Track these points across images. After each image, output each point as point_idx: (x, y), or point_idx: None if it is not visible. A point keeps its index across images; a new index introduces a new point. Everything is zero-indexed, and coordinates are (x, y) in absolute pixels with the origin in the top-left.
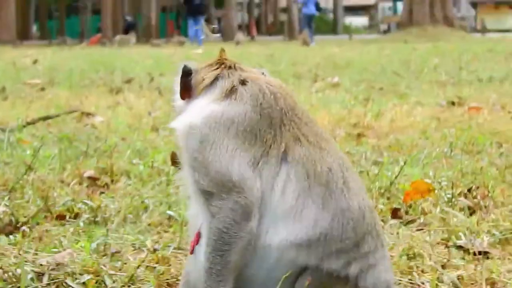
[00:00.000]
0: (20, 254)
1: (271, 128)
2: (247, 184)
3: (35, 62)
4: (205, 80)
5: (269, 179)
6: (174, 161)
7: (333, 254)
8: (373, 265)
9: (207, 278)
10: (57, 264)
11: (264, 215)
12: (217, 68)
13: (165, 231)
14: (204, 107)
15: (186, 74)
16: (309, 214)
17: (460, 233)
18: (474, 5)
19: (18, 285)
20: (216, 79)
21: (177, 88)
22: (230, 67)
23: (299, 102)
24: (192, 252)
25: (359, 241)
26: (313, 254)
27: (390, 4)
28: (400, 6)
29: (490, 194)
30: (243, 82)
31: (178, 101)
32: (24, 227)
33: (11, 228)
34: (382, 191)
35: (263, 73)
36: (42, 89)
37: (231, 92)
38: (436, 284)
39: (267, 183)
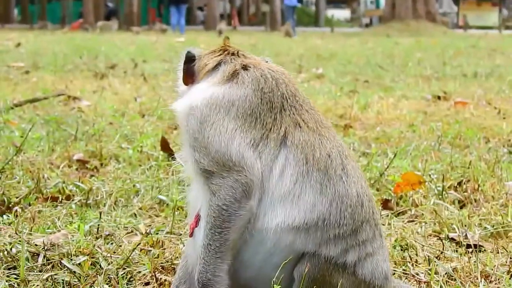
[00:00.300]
0: (16, 234)
1: (271, 112)
2: (247, 163)
3: (18, 45)
4: (207, 65)
5: (268, 161)
6: (164, 146)
7: (331, 240)
8: (370, 253)
9: (205, 254)
10: (52, 245)
11: (262, 198)
12: (220, 54)
13: (157, 215)
14: (205, 90)
15: (189, 60)
16: (307, 198)
17: (454, 226)
18: (456, 1)
19: (14, 264)
20: (218, 64)
21: (180, 73)
22: (233, 54)
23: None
24: (191, 235)
25: (357, 228)
26: (310, 239)
27: None
28: (382, 0)
29: (480, 188)
30: (245, 67)
31: (181, 87)
32: (16, 208)
33: (3, 208)
34: (372, 182)
35: (266, 61)
36: (27, 72)
37: (232, 76)
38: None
39: (265, 165)
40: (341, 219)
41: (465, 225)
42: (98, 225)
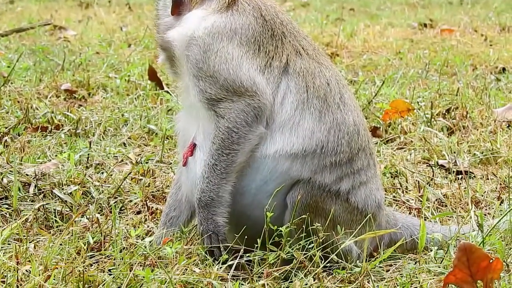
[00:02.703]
0: (8, 163)
1: (273, 39)
2: (259, 88)
3: None
4: None
5: (272, 89)
6: (151, 76)
7: (327, 167)
8: (364, 182)
9: (209, 174)
10: (43, 175)
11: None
12: None
13: (146, 145)
14: (204, 18)
15: None
16: (306, 125)
17: (443, 152)
18: None
19: (5, 194)
20: None
21: (169, 2)
22: None
23: None
24: (185, 164)
25: (353, 157)
26: (307, 166)
27: None
28: None
29: (468, 115)
30: None
31: (166, 18)
32: (6, 138)
33: None
34: (361, 110)
35: None
36: (11, 2)
37: (232, 4)
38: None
39: None
40: (338, 146)
41: (455, 152)
42: (88, 154)
